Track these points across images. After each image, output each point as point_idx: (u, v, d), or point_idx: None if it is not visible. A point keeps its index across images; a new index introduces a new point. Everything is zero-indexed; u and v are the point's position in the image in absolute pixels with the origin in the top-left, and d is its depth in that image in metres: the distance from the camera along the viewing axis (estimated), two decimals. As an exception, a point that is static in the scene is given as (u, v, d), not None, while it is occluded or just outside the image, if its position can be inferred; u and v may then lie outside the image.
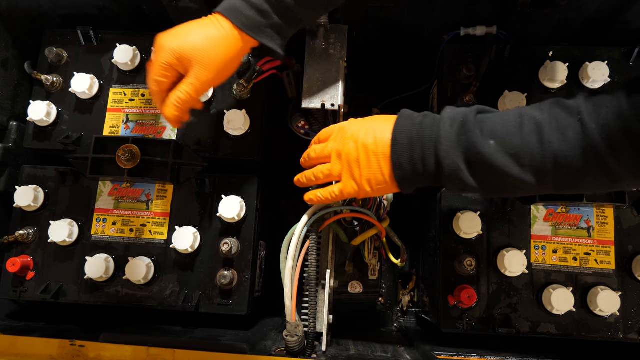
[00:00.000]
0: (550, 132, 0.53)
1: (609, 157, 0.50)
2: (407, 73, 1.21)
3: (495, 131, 0.55)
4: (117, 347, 0.69)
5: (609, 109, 0.51)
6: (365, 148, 0.63)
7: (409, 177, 0.61)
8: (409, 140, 0.60)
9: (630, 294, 0.83)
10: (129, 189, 0.90)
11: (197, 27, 0.67)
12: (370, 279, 0.86)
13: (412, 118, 0.62)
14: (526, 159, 0.54)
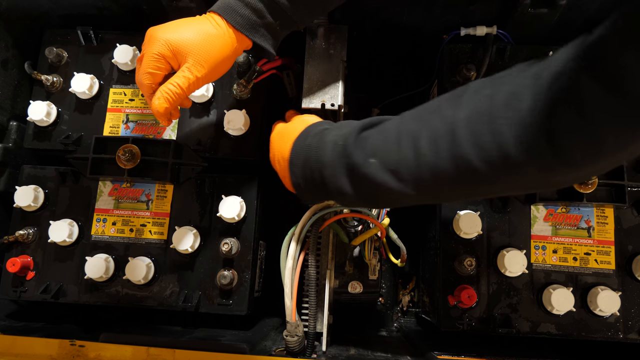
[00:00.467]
0: (424, 144, 0.52)
1: (475, 162, 0.49)
2: (407, 73, 1.21)
3: (375, 148, 0.56)
4: (117, 347, 0.69)
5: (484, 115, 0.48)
6: (274, 156, 0.71)
7: (308, 194, 0.66)
8: (303, 162, 0.64)
9: (630, 294, 0.83)
10: (129, 189, 0.90)
11: (192, 23, 0.66)
12: (370, 279, 0.86)
13: (306, 137, 0.65)
14: (405, 174, 0.54)
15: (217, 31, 0.66)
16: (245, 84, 0.88)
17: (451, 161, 0.50)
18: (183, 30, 0.65)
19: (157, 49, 0.64)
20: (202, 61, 0.64)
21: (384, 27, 1.03)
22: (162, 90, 0.65)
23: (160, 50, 0.64)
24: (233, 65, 0.91)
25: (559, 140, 0.43)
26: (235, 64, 0.90)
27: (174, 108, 0.67)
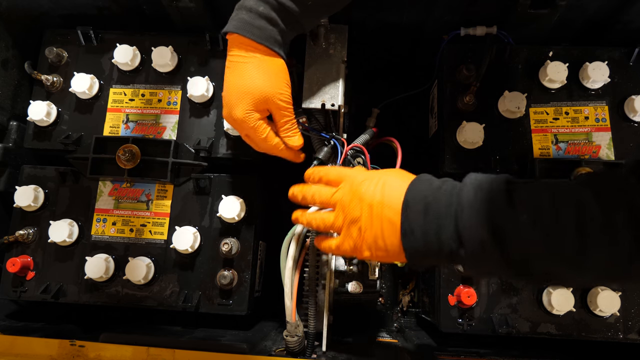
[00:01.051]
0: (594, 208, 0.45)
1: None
2: (407, 73, 1.21)
3: (527, 207, 0.48)
4: (117, 347, 0.69)
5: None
6: (371, 210, 0.56)
7: (420, 249, 0.53)
8: (424, 205, 0.52)
9: (630, 294, 0.83)
10: (129, 189, 0.90)
11: (239, 75, 0.67)
12: (370, 279, 0.86)
13: (430, 182, 0.55)
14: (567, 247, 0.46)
15: (256, 59, 0.67)
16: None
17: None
18: (246, 83, 0.66)
19: (253, 121, 0.68)
20: (279, 95, 0.68)
21: (384, 27, 1.03)
22: (288, 133, 0.72)
23: (255, 123, 0.68)
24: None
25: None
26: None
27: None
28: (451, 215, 0.50)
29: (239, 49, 0.67)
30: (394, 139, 0.89)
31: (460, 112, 0.89)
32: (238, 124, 0.70)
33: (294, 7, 0.66)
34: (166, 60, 0.89)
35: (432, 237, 0.52)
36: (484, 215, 0.49)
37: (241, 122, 0.68)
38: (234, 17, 0.67)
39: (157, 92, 0.92)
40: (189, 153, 0.89)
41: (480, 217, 0.49)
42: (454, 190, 0.52)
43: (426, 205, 0.52)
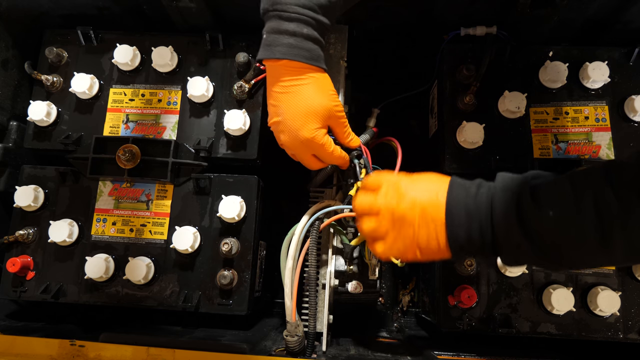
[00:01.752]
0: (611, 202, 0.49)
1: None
2: (407, 73, 1.21)
3: (552, 202, 0.53)
4: (117, 347, 0.69)
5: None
6: (424, 213, 0.59)
7: (464, 249, 0.58)
8: (465, 211, 0.57)
9: (630, 294, 0.83)
10: (129, 189, 0.90)
11: (300, 98, 0.68)
12: (370, 279, 0.86)
13: (465, 187, 0.59)
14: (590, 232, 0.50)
15: (311, 80, 0.68)
16: (245, 84, 0.88)
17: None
18: (308, 104, 0.68)
19: (319, 136, 0.69)
20: (336, 107, 0.71)
21: (384, 26, 1.03)
22: (350, 135, 0.76)
23: (321, 134, 0.70)
24: (233, 65, 0.91)
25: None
26: (235, 64, 0.90)
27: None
28: (488, 218, 0.56)
29: (291, 74, 0.67)
30: (394, 139, 0.89)
31: (460, 112, 0.89)
32: (306, 145, 0.69)
33: (327, 22, 0.67)
34: (166, 60, 0.89)
35: (476, 240, 0.57)
36: (513, 217, 0.54)
37: (310, 142, 0.69)
38: (273, 42, 0.66)
39: (157, 92, 0.92)
40: (189, 153, 0.89)
41: (510, 219, 0.54)
42: (489, 193, 0.57)
43: (467, 212, 0.57)
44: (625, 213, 0.49)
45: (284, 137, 0.70)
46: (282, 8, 0.64)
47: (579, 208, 0.51)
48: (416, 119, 1.22)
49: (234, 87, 0.89)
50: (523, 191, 0.55)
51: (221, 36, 0.91)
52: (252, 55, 0.91)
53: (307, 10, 0.64)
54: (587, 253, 0.53)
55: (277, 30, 0.65)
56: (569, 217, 0.52)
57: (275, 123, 0.70)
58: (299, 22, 0.65)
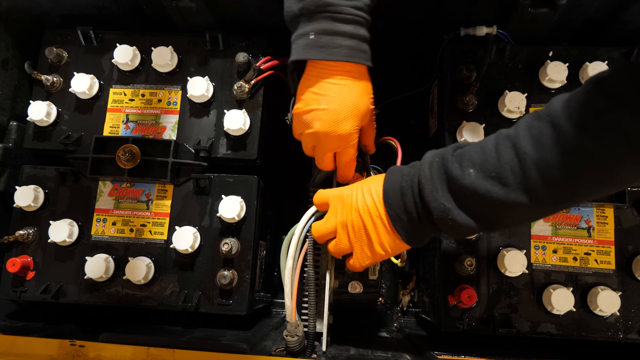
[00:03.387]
0: (524, 144, 0.51)
1: (593, 149, 0.47)
2: (407, 73, 1.21)
3: (473, 159, 0.55)
4: (117, 347, 0.69)
5: (577, 104, 0.49)
6: (368, 213, 0.63)
7: (409, 228, 0.61)
8: (400, 190, 0.61)
9: (630, 294, 0.83)
10: (129, 189, 0.90)
11: (350, 93, 0.68)
12: (370, 279, 0.86)
13: (401, 170, 0.64)
14: (509, 178, 0.52)
15: (367, 81, 0.70)
16: (245, 84, 0.88)
17: (560, 154, 0.49)
18: (357, 100, 0.68)
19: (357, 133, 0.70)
20: (372, 107, 0.72)
21: (384, 27, 1.03)
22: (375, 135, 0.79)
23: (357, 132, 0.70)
24: (233, 65, 0.91)
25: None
26: (235, 64, 0.90)
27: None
28: (418, 193, 0.59)
29: (346, 73, 0.67)
30: (394, 139, 0.89)
31: (460, 112, 0.89)
32: (340, 139, 0.69)
33: (369, 17, 0.67)
34: (166, 60, 0.89)
35: (414, 215, 0.60)
36: (439, 185, 0.57)
37: (347, 137, 0.69)
38: (329, 43, 0.65)
39: (157, 92, 0.92)
40: (189, 153, 0.89)
41: (437, 188, 0.57)
42: (416, 170, 0.60)
43: (401, 189, 0.61)
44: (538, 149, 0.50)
45: (320, 125, 0.67)
46: (337, 10, 0.63)
47: (498, 158, 0.53)
48: (416, 119, 1.22)
49: (234, 87, 0.89)
50: (446, 156, 0.58)
51: (221, 36, 0.91)
52: (252, 55, 0.91)
53: (361, 11, 0.65)
54: (515, 207, 0.53)
55: (332, 31, 0.64)
56: (489, 170, 0.53)
57: (315, 110, 0.68)
58: (356, 24, 0.65)
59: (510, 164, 0.52)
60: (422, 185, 0.58)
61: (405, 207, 0.60)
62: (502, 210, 0.54)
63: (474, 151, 0.55)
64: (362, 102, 0.68)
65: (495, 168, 0.53)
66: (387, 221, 0.62)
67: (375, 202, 0.63)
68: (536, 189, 0.51)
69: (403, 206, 0.60)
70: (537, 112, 0.53)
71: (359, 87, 0.68)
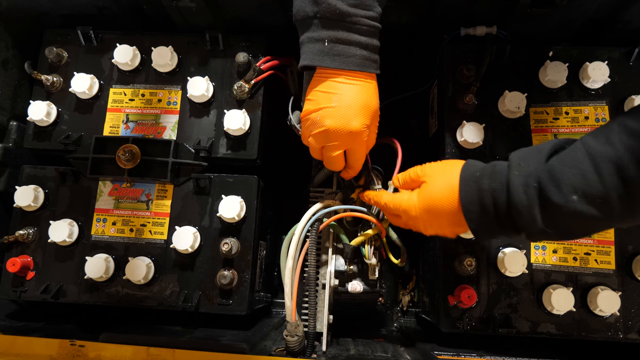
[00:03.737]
0: (632, 170, 0.50)
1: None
2: (407, 73, 1.21)
3: (574, 185, 0.53)
4: (117, 347, 0.69)
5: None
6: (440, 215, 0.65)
7: (487, 235, 0.62)
8: (482, 208, 0.60)
9: (630, 294, 0.83)
10: (129, 189, 0.90)
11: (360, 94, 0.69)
12: (370, 279, 0.86)
13: (473, 181, 0.62)
14: (616, 203, 0.52)
15: (375, 84, 0.71)
16: (245, 84, 0.88)
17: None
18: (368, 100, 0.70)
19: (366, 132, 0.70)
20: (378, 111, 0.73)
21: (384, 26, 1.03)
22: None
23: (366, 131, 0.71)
24: (233, 65, 0.91)
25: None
26: (235, 64, 0.90)
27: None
28: (503, 212, 0.58)
29: (357, 78, 0.68)
30: (394, 139, 0.89)
31: (460, 112, 0.89)
32: (354, 136, 0.69)
33: (379, 25, 0.68)
34: (166, 60, 0.89)
35: (493, 229, 0.60)
36: (537, 213, 0.56)
37: (359, 134, 0.69)
38: (344, 52, 0.66)
39: (157, 92, 0.92)
40: (189, 153, 0.89)
41: (534, 217, 0.56)
42: (500, 187, 0.59)
43: (484, 207, 0.60)
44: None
45: (330, 122, 0.68)
46: (352, 20, 0.64)
47: (602, 183, 0.52)
48: (416, 119, 1.22)
49: (234, 87, 0.89)
50: (543, 179, 0.56)
51: (221, 36, 0.91)
52: (252, 55, 0.91)
53: (375, 21, 0.66)
54: (612, 223, 0.56)
55: (347, 41, 0.65)
56: (594, 196, 0.53)
57: (325, 108, 0.68)
58: (370, 35, 0.67)
59: (617, 192, 0.52)
60: (519, 211, 0.57)
61: (486, 224, 0.61)
62: (598, 228, 0.57)
63: (572, 174, 0.54)
64: (372, 102, 0.70)
65: (600, 194, 0.52)
66: (461, 216, 0.63)
67: (449, 210, 0.63)
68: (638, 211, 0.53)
69: (482, 223, 0.61)
70: (632, 129, 0.52)
71: (369, 89, 0.70)
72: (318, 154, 0.74)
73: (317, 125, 0.69)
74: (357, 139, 0.70)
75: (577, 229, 0.57)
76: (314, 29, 0.66)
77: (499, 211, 0.59)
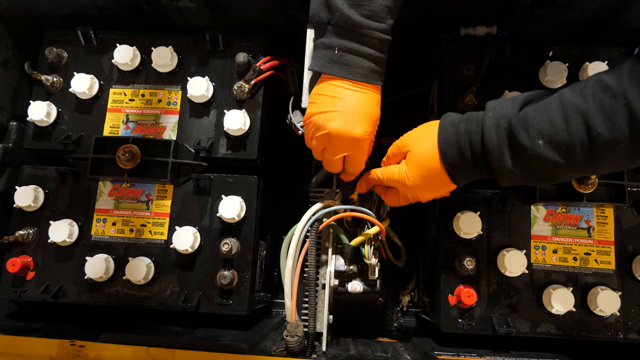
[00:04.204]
0: (597, 123, 0.53)
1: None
2: (407, 73, 1.21)
3: (541, 129, 0.57)
4: (117, 347, 0.69)
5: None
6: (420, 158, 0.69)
7: (464, 175, 0.67)
8: (459, 149, 0.65)
9: (630, 294, 0.83)
10: (129, 189, 0.90)
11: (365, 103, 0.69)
12: (370, 279, 0.86)
13: (451, 127, 0.67)
14: (579, 153, 0.55)
15: (378, 95, 0.71)
16: (245, 84, 0.88)
17: (631, 137, 0.52)
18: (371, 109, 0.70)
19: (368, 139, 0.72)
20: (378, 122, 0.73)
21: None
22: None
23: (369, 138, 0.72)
24: (233, 65, 0.91)
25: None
26: (235, 64, 0.90)
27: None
28: (478, 152, 0.63)
29: (362, 87, 0.69)
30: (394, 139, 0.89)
31: (460, 112, 0.89)
32: (355, 142, 0.70)
33: (389, 37, 0.68)
34: (166, 60, 0.89)
35: (468, 168, 0.65)
36: (505, 149, 0.60)
37: (360, 141, 0.70)
38: (352, 62, 0.67)
39: (157, 92, 0.92)
40: (189, 153, 0.89)
41: (503, 154, 0.60)
42: (478, 129, 0.63)
43: (461, 147, 0.65)
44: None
45: (333, 126, 0.68)
46: (364, 32, 0.65)
47: (568, 131, 0.55)
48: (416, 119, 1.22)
49: (234, 87, 0.89)
50: (513, 121, 0.60)
51: (221, 36, 0.91)
52: (252, 55, 0.91)
53: (385, 34, 0.66)
54: (574, 171, 0.61)
55: (357, 52, 0.66)
56: (559, 142, 0.56)
57: (330, 112, 0.69)
58: (379, 49, 0.67)
59: (580, 141, 0.55)
60: (489, 150, 0.61)
61: (462, 162, 0.65)
62: (561, 174, 0.61)
63: (542, 120, 0.57)
64: (375, 111, 0.71)
65: (565, 142, 0.55)
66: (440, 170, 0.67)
67: (430, 153, 0.68)
68: (603, 164, 0.56)
69: (459, 161, 0.65)
70: (607, 84, 0.53)
71: (373, 98, 0.70)
72: (320, 156, 0.75)
73: (320, 128, 0.69)
74: (359, 145, 0.71)
75: (542, 173, 0.61)
76: (327, 35, 0.67)
77: (475, 153, 0.63)
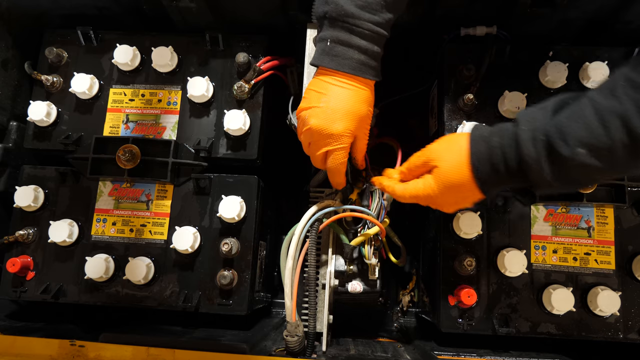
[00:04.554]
0: (638, 123, 0.52)
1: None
2: (407, 73, 1.21)
3: (580, 138, 0.55)
4: (117, 347, 0.69)
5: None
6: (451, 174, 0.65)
7: (497, 188, 0.65)
8: (493, 165, 0.62)
9: (630, 294, 0.83)
10: (129, 189, 0.90)
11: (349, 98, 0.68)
12: (370, 279, 0.86)
13: (483, 141, 0.64)
14: (622, 156, 0.54)
15: (370, 91, 0.69)
16: (245, 84, 0.88)
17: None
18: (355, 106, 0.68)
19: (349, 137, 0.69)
20: (369, 119, 0.71)
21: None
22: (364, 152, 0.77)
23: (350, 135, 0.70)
24: (233, 65, 0.91)
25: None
26: (235, 64, 0.90)
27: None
28: (518, 167, 0.60)
29: (353, 83, 0.68)
30: (394, 139, 0.89)
31: (460, 112, 0.89)
32: (333, 138, 0.69)
33: (387, 33, 0.67)
34: (166, 60, 0.89)
35: (504, 181, 0.63)
36: (545, 165, 0.58)
37: (338, 137, 0.68)
38: (342, 54, 0.66)
39: (157, 92, 0.92)
40: (189, 153, 0.89)
41: (543, 168, 0.58)
42: (511, 144, 0.60)
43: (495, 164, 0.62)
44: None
45: (314, 122, 0.68)
46: (355, 23, 0.64)
47: (608, 135, 0.53)
48: (416, 119, 1.22)
49: (234, 87, 0.89)
50: (550, 133, 0.57)
51: (221, 36, 0.91)
52: (252, 55, 0.91)
53: (379, 27, 0.65)
54: (615, 173, 0.61)
55: (347, 43, 0.65)
56: (600, 148, 0.54)
57: (313, 107, 0.68)
58: (371, 40, 0.66)
59: (623, 144, 0.53)
60: (528, 164, 0.59)
61: (497, 178, 0.62)
62: (601, 178, 0.62)
63: (578, 127, 0.56)
64: (360, 108, 0.69)
65: (606, 146, 0.54)
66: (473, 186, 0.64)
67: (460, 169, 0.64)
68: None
69: (494, 179, 0.63)
70: (637, 82, 0.53)
71: (360, 95, 0.69)
72: (307, 150, 0.74)
73: (305, 124, 0.69)
74: (336, 142, 0.69)
75: (582, 178, 0.61)
76: (323, 29, 0.67)
77: (509, 167, 0.61)
